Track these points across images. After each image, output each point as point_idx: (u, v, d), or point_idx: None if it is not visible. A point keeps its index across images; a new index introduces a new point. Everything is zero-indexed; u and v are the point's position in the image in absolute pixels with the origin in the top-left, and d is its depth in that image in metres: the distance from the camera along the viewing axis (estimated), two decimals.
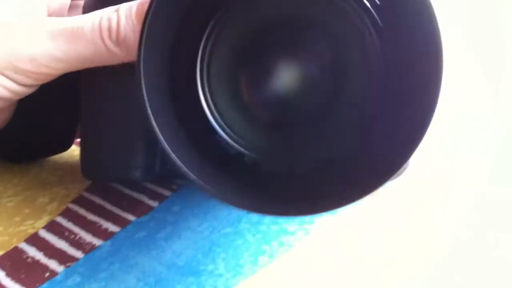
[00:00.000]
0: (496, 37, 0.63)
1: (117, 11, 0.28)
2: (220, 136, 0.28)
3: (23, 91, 0.30)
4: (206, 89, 0.27)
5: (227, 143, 0.27)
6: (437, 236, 0.30)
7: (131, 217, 0.33)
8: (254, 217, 0.32)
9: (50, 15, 0.34)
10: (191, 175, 0.23)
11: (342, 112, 0.27)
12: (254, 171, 0.27)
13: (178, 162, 0.23)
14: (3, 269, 0.30)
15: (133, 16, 0.28)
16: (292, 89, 0.27)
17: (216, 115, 0.28)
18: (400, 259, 0.28)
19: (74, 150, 0.42)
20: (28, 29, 0.28)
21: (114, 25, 0.28)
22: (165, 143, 0.23)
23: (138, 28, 0.26)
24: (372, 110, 0.27)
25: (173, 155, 0.23)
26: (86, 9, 0.31)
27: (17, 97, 0.30)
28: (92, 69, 0.30)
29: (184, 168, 0.23)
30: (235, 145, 0.27)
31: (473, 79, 0.52)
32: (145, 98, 0.23)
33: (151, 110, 0.23)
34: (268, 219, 0.32)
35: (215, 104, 0.28)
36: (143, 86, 0.23)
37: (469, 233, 0.30)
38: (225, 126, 0.28)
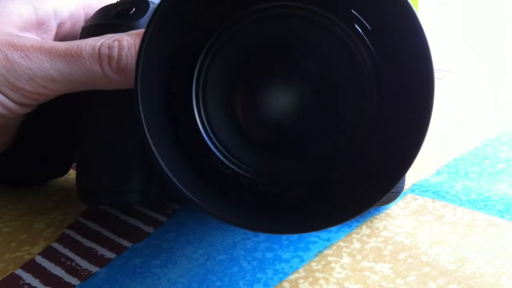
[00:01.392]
0: (497, 37, 0.64)
1: (119, 40, 0.28)
2: (216, 157, 0.28)
3: (19, 110, 0.30)
4: (202, 112, 0.28)
5: (223, 164, 0.28)
6: None
7: (126, 243, 0.34)
8: (249, 243, 0.33)
9: (60, 30, 0.34)
10: (189, 196, 0.24)
11: (335, 135, 0.28)
12: (250, 191, 0.28)
13: (177, 183, 0.23)
14: None
15: (136, 46, 0.28)
16: (285, 112, 0.28)
17: (212, 137, 0.28)
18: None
19: (70, 174, 0.42)
20: (28, 49, 0.29)
21: (115, 53, 0.28)
22: (163, 165, 0.23)
23: None
24: (365, 133, 0.27)
25: (171, 176, 0.23)
26: (84, 35, 0.32)
27: (13, 116, 0.31)
28: (88, 94, 0.31)
29: (182, 189, 0.23)
30: (231, 165, 0.28)
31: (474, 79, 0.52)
32: (144, 122, 0.24)
33: (149, 134, 0.24)
34: (263, 245, 0.32)
35: (211, 126, 0.28)
36: (141, 111, 0.24)
37: None
38: (221, 148, 0.28)
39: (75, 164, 0.41)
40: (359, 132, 0.27)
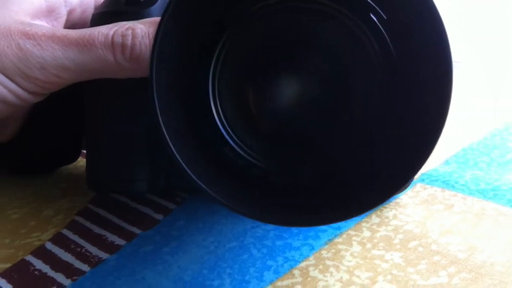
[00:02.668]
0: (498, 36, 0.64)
1: (132, 29, 0.28)
2: (230, 147, 0.28)
3: (31, 98, 0.30)
4: (218, 102, 0.28)
5: (237, 154, 0.28)
6: None
7: (136, 231, 0.34)
8: (259, 231, 0.33)
9: (70, 17, 0.34)
10: (202, 186, 0.23)
11: (346, 128, 0.28)
12: (261, 183, 0.28)
13: (190, 173, 0.23)
14: (11, 281, 0.30)
15: (151, 35, 0.28)
16: (297, 104, 0.28)
17: (227, 127, 0.28)
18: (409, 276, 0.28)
19: (78, 162, 0.42)
20: (40, 37, 0.29)
21: (128, 42, 0.28)
22: (177, 155, 0.23)
23: None
24: (377, 127, 0.27)
25: (184, 167, 0.23)
26: (95, 22, 0.32)
27: (24, 104, 0.31)
28: (97, 82, 0.31)
29: (195, 179, 0.23)
30: (245, 156, 0.28)
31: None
32: (158, 112, 0.23)
33: (163, 123, 0.23)
34: (272, 234, 0.32)
35: (225, 117, 0.28)
36: (156, 100, 0.24)
37: None
38: (235, 138, 0.28)
39: (84, 151, 0.41)
40: (372, 124, 0.27)
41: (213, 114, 0.28)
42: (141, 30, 0.28)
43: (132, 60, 0.28)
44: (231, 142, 0.28)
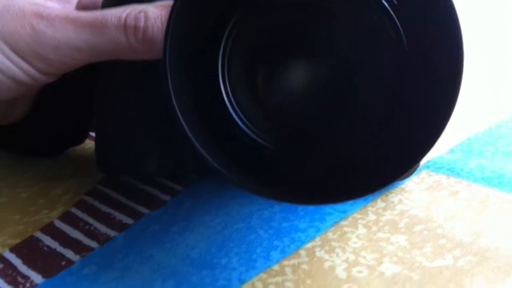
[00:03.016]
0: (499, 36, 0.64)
1: (145, 11, 0.29)
2: (239, 128, 0.28)
3: (43, 79, 0.31)
4: (227, 83, 0.28)
5: (246, 135, 0.28)
6: None
7: (144, 210, 0.34)
8: (265, 213, 0.33)
9: (82, 3, 0.34)
10: (215, 165, 0.24)
11: (357, 111, 0.28)
12: (269, 165, 0.28)
13: (203, 153, 0.24)
14: (20, 257, 0.30)
15: (163, 18, 0.28)
16: (306, 87, 0.28)
17: (236, 108, 0.28)
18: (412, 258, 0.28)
19: (86, 144, 0.43)
20: (54, 19, 0.29)
21: (141, 24, 0.28)
22: (190, 135, 0.24)
23: None
24: (387, 110, 0.27)
25: (197, 146, 0.24)
26: (106, 4, 0.32)
27: (36, 85, 0.31)
28: (108, 62, 0.31)
29: (209, 159, 0.24)
30: (253, 136, 0.28)
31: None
32: (171, 93, 0.24)
33: (177, 105, 0.24)
34: (279, 216, 0.33)
35: (235, 98, 0.28)
36: (169, 80, 0.24)
37: None
38: (244, 119, 0.28)
39: (91, 134, 0.42)
40: (383, 106, 0.27)
41: (222, 95, 0.28)
42: (153, 13, 0.29)
43: (144, 42, 0.29)
44: (240, 123, 0.28)
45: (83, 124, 0.40)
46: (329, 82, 0.28)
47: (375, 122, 0.27)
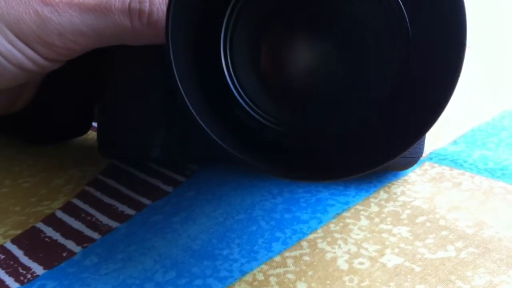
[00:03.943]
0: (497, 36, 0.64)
1: None
2: (242, 109, 0.28)
3: (48, 65, 0.31)
4: (229, 63, 0.28)
5: (249, 115, 0.28)
6: None
7: (146, 201, 0.34)
8: (267, 204, 0.33)
9: None
10: (223, 145, 0.24)
11: (361, 88, 0.28)
12: (274, 145, 0.28)
13: (210, 133, 0.24)
14: (21, 248, 0.30)
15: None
16: (311, 66, 0.28)
17: (239, 88, 0.28)
18: (413, 250, 0.28)
19: (88, 135, 0.43)
20: (58, 4, 0.29)
21: (146, 8, 0.28)
22: (196, 117, 0.24)
23: None
24: (392, 86, 0.27)
25: (205, 127, 0.24)
26: None
27: (42, 71, 0.31)
28: (113, 48, 0.31)
29: (216, 139, 0.24)
30: (257, 117, 0.28)
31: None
32: (177, 76, 0.24)
33: (182, 86, 0.24)
34: (281, 207, 0.33)
35: (237, 78, 0.28)
36: (174, 64, 0.24)
37: None
38: (247, 99, 0.28)
39: (93, 125, 0.42)
40: (386, 83, 0.27)
41: (225, 76, 0.28)
42: None
43: (149, 26, 0.29)
44: (243, 103, 0.28)
45: (86, 113, 0.40)
46: (335, 60, 0.28)
47: (379, 98, 0.27)
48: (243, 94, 0.28)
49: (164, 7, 0.29)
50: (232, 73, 0.28)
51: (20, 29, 0.29)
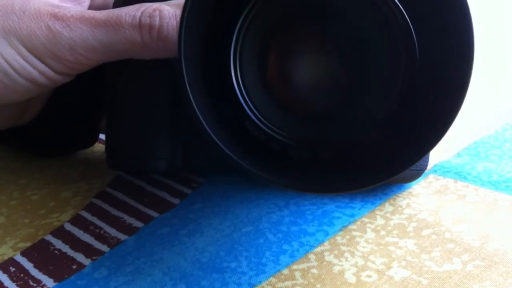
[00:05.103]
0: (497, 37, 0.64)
1: (160, 10, 0.29)
2: (251, 121, 0.28)
3: (59, 79, 0.31)
4: (239, 76, 0.28)
5: (257, 128, 0.28)
6: None
7: (154, 214, 0.34)
8: (274, 217, 0.33)
9: (93, 3, 0.34)
10: (233, 157, 0.24)
11: (367, 100, 0.28)
12: (281, 157, 0.28)
13: (222, 146, 0.24)
14: (31, 260, 0.31)
15: (178, 17, 0.29)
16: (317, 77, 0.28)
17: (248, 100, 0.28)
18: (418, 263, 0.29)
19: (95, 147, 0.43)
20: (69, 19, 0.29)
21: (156, 23, 0.29)
22: (208, 129, 0.24)
23: None
24: (398, 98, 0.27)
25: (216, 140, 0.24)
26: (119, 4, 0.32)
27: (53, 85, 0.32)
28: (118, 62, 0.31)
29: (228, 153, 0.24)
30: (265, 128, 0.28)
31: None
32: (188, 89, 0.24)
33: (194, 100, 0.24)
34: (287, 219, 0.33)
35: (246, 91, 0.28)
36: (186, 78, 0.24)
37: None
38: (255, 112, 0.28)
39: (100, 137, 0.42)
40: (392, 97, 0.27)
41: (234, 89, 0.28)
42: (168, 11, 0.29)
43: (159, 41, 0.29)
44: (251, 116, 0.28)
45: (93, 125, 0.41)
46: (341, 72, 0.28)
47: (387, 108, 0.27)
48: (251, 106, 0.28)
49: (173, 22, 0.29)
50: (241, 84, 0.28)
51: (32, 44, 0.29)
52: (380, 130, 0.27)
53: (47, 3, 0.30)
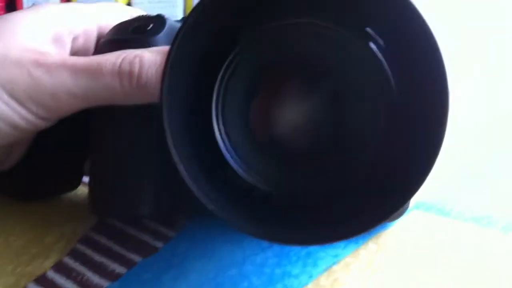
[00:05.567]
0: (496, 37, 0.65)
1: (140, 57, 0.29)
2: (233, 170, 0.28)
3: (41, 124, 0.31)
4: (221, 123, 0.29)
5: (239, 176, 0.28)
6: None
7: (137, 258, 0.34)
8: (258, 259, 0.33)
9: (74, 48, 0.35)
10: (211, 206, 0.24)
11: (349, 148, 0.29)
12: (264, 204, 0.28)
13: (198, 192, 0.24)
14: None
15: (158, 64, 0.29)
16: (300, 125, 0.29)
17: (230, 148, 0.29)
18: None
19: (78, 190, 0.43)
20: (50, 65, 0.29)
21: (135, 70, 0.29)
22: (189, 179, 0.24)
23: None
24: (378, 147, 0.27)
25: (193, 186, 0.24)
26: (102, 50, 0.32)
27: (35, 130, 0.32)
28: (101, 107, 0.31)
29: (205, 199, 0.24)
30: (247, 177, 0.28)
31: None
32: (170, 137, 0.24)
33: (175, 148, 0.24)
34: (271, 261, 0.33)
35: (228, 138, 0.29)
36: (167, 126, 0.24)
37: None
38: (237, 159, 0.29)
39: (84, 180, 0.42)
40: (373, 146, 0.27)
41: (216, 137, 0.29)
42: (148, 59, 0.29)
43: (138, 88, 0.29)
44: (234, 164, 0.29)
45: (77, 169, 0.41)
46: (323, 118, 0.29)
47: (369, 157, 0.28)
48: (234, 155, 0.28)
49: (153, 70, 0.29)
50: (223, 133, 0.28)
51: (13, 90, 0.29)
52: (365, 174, 0.28)
53: (28, 48, 0.30)
